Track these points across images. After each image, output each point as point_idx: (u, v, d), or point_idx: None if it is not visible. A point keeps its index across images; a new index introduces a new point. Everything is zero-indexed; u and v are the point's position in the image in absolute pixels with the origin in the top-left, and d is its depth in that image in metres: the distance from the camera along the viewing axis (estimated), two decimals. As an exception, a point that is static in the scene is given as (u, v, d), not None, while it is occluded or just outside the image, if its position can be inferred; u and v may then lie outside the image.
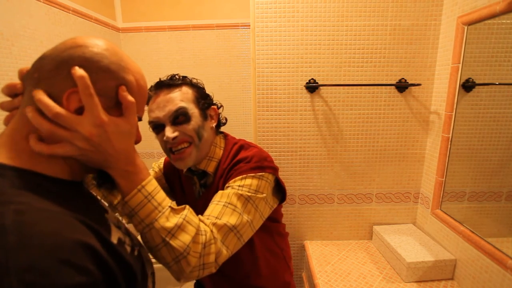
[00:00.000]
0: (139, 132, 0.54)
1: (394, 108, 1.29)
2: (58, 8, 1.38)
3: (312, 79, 1.27)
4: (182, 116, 0.76)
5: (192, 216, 0.60)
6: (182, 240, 0.55)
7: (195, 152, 0.79)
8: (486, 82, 1.02)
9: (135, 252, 0.48)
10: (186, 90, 0.80)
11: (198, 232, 0.59)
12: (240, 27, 1.88)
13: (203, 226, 0.62)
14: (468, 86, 1.06)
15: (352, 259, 1.27)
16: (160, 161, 1.02)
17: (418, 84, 1.22)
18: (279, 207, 0.92)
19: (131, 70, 0.48)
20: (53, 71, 0.42)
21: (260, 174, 0.76)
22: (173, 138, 0.76)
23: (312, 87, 1.26)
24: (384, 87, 1.27)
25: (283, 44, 1.24)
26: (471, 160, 1.08)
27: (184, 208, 0.59)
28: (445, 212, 1.16)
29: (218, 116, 0.88)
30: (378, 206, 1.39)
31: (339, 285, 1.11)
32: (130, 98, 0.47)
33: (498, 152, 0.99)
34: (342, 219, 1.41)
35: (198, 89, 0.83)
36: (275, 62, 1.26)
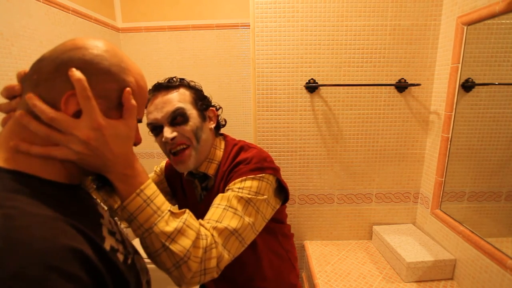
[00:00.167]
0: (139, 134, 0.53)
1: (394, 108, 1.29)
2: (58, 8, 1.38)
3: (312, 79, 1.27)
4: (180, 116, 0.76)
5: (192, 220, 0.59)
6: (182, 245, 0.54)
7: (194, 154, 0.79)
8: (486, 82, 1.02)
9: (128, 261, 0.47)
10: (184, 92, 0.80)
11: (198, 236, 0.58)
12: (240, 27, 1.88)
13: (204, 230, 0.61)
14: (467, 86, 1.06)
15: (352, 259, 1.27)
16: (162, 164, 1.01)
17: (418, 84, 1.22)
18: (283, 208, 0.91)
19: (131, 71, 0.47)
20: (52, 73, 0.41)
21: (260, 175, 0.75)
22: (171, 139, 0.75)
23: (312, 87, 1.26)
24: (383, 87, 1.27)
25: (283, 44, 1.24)
26: (470, 160, 1.08)
27: (184, 212, 0.59)
28: (444, 212, 1.16)
29: (217, 117, 0.88)
30: (378, 206, 1.39)
31: (339, 285, 1.11)
32: (133, 102, 0.47)
33: (497, 152, 0.99)
34: (342, 219, 1.41)
35: (196, 90, 0.83)
36: (275, 62, 1.26)
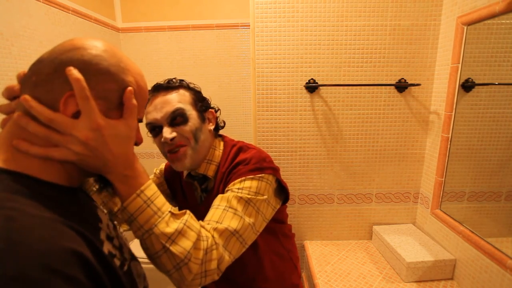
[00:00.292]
0: (139, 134, 0.53)
1: (394, 108, 1.29)
2: (58, 8, 1.38)
3: (312, 79, 1.27)
4: (180, 117, 0.76)
5: (192, 221, 0.58)
6: (183, 246, 0.54)
7: (191, 153, 0.78)
8: (486, 82, 1.02)
9: (125, 267, 0.47)
10: (184, 93, 0.80)
11: (199, 237, 0.58)
12: (240, 27, 1.88)
13: (204, 231, 0.61)
14: (467, 86, 1.06)
15: (352, 259, 1.27)
16: (161, 166, 1.01)
17: (418, 84, 1.22)
18: (284, 208, 0.91)
19: (130, 71, 0.47)
20: (51, 74, 0.41)
21: (260, 175, 0.75)
22: (171, 139, 0.75)
23: (311, 87, 1.26)
24: (383, 87, 1.27)
25: (283, 44, 1.24)
26: (470, 160, 1.08)
27: (184, 213, 0.58)
28: (444, 212, 1.16)
29: (216, 119, 0.88)
30: (377, 206, 1.39)
31: (339, 285, 1.11)
32: (134, 102, 0.46)
33: (497, 152, 0.99)
34: (342, 219, 1.41)
35: (195, 92, 0.83)
36: (275, 62, 1.26)
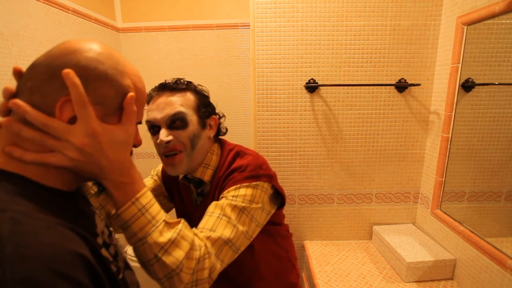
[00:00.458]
0: (138, 136, 0.52)
1: (394, 108, 1.29)
2: (58, 8, 1.38)
3: (312, 79, 1.27)
4: (180, 121, 0.75)
5: (186, 231, 0.58)
6: (175, 256, 0.54)
7: (186, 160, 0.77)
8: (486, 82, 1.02)
9: (120, 275, 0.47)
10: (189, 96, 0.79)
11: (192, 247, 0.58)
12: (240, 27, 1.87)
13: (197, 240, 0.61)
14: (467, 86, 1.06)
15: (352, 259, 1.27)
16: (158, 168, 1.00)
17: (418, 84, 1.22)
18: (280, 210, 0.91)
19: (128, 73, 0.46)
20: (46, 80, 0.40)
21: (255, 183, 0.75)
22: (166, 142, 0.74)
23: (311, 87, 1.26)
24: (383, 87, 1.27)
25: (283, 44, 1.24)
26: (470, 160, 1.08)
27: (178, 222, 0.58)
28: (444, 212, 1.16)
29: (219, 125, 0.87)
30: (377, 206, 1.39)
31: (339, 285, 1.11)
32: (134, 108, 0.46)
33: (497, 152, 0.99)
34: (342, 219, 1.41)
35: (202, 96, 0.82)
36: (275, 62, 1.26)
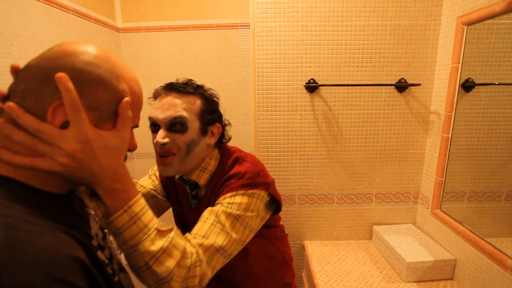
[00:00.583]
0: (134, 140, 0.52)
1: (394, 108, 1.29)
2: (58, 8, 1.38)
3: (312, 79, 1.27)
4: (180, 125, 0.74)
5: (178, 239, 0.58)
6: (166, 265, 0.54)
7: (177, 164, 0.76)
8: (486, 82, 1.02)
9: (116, 278, 0.47)
10: (195, 101, 0.77)
11: (183, 255, 0.58)
12: (240, 27, 1.87)
13: (189, 247, 0.61)
14: (467, 86, 1.06)
15: (352, 259, 1.27)
16: (155, 167, 0.98)
17: (418, 84, 1.22)
18: (275, 214, 0.91)
19: (124, 77, 0.45)
20: (40, 83, 0.39)
21: (251, 191, 0.75)
22: (162, 144, 0.74)
23: (311, 87, 1.26)
24: (384, 87, 1.27)
25: (283, 44, 1.24)
26: (470, 160, 1.08)
27: (171, 230, 0.58)
28: (444, 212, 1.16)
29: (221, 133, 0.85)
30: (378, 206, 1.39)
31: (339, 285, 1.11)
32: (129, 113, 0.45)
33: (497, 152, 0.99)
34: (342, 219, 1.41)
35: (208, 103, 0.80)
36: (275, 62, 1.26)
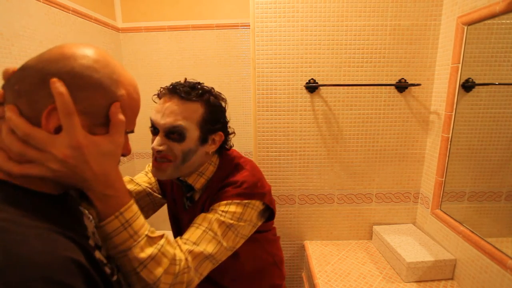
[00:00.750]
0: (128, 145, 0.51)
1: (394, 108, 1.29)
2: (58, 8, 1.38)
3: (312, 79, 1.27)
4: (177, 134, 0.73)
5: (168, 247, 0.58)
6: (154, 273, 0.55)
7: (171, 170, 0.76)
8: (486, 82, 1.02)
9: (114, 277, 0.47)
10: (197, 109, 0.74)
11: (172, 262, 0.58)
12: (240, 27, 1.88)
13: (179, 253, 0.61)
14: (468, 86, 1.06)
15: (352, 259, 1.27)
16: None
17: (418, 84, 1.22)
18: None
19: (123, 82, 0.44)
20: (35, 85, 0.38)
21: (246, 201, 0.75)
22: (157, 151, 0.73)
23: (312, 87, 1.26)
24: (384, 87, 1.27)
25: (283, 44, 1.24)
26: (471, 160, 1.08)
27: (161, 237, 0.58)
28: (445, 212, 1.16)
29: (223, 142, 0.83)
30: (378, 206, 1.39)
31: (339, 285, 1.11)
32: (121, 117, 0.43)
33: (498, 152, 0.99)
34: (342, 219, 1.41)
35: (212, 111, 0.77)
36: (275, 62, 1.26)
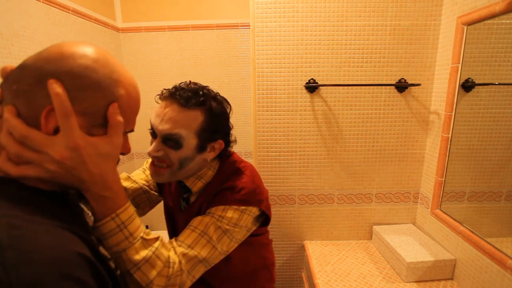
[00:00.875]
0: (128, 144, 0.51)
1: (394, 108, 1.29)
2: (58, 8, 1.38)
3: (312, 79, 1.27)
4: (174, 142, 0.71)
5: (163, 250, 0.59)
6: (147, 275, 0.55)
7: (168, 175, 0.75)
8: (486, 82, 1.02)
9: (118, 271, 0.47)
10: (196, 117, 0.72)
11: (166, 264, 0.58)
12: (240, 27, 1.87)
13: (173, 255, 0.62)
14: (467, 86, 1.06)
15: (352, 259, 1.27)
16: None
17: (418, 84, 1.22)
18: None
19: (123, 82, 0.44)
20: (34, 85, 0.37)
21: (244, 207, 0.75)
22: (154, 156, 0.73)
23: (312, 87, 1.26)
24: (384, 87, 1.27)
25: (283, 44, 1.24)
26: (470, 160, 1.08)
27: (156, 239, 0.59)
28: (444, 212, 1.16)
29: (223, 149, 0.82)
30: (377, 206, 1.39)
31: (339, 285, 1.11)
32: (119, 118, 0.43)
33: (497, 152, 0.99)
34: (342, 219, 1.41)
35: (214, 119, 0.75)
36: (275, 62, 1.26)
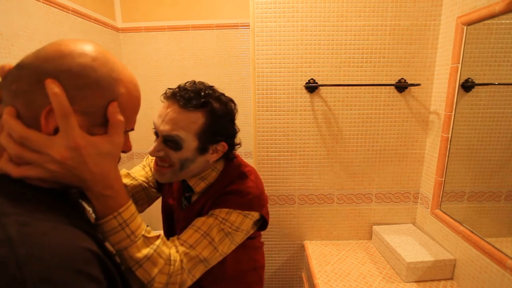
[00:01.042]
0: (128, 142, 0.51)
1: (394, 108, 1.29)
2: (58, 8, 1.38)
3: (312, 79, 1.27)
4: (173, 143, 0.71)
5: (164, 248, 0.60)
6: (149, 272, 0.56)
7: (170, 175, 0.75)
8: (486, 82, 1.02)
9: (123, 267, 0.48)
10: (197, 119, 0.71)
11: (167, 262, 0.59)
12: (240, 27, 1.88)
13: (174, 253, 0.62)
14: (467, 86, 1.06)
15: (352, 259, 1.27)
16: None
17: (418, 84, 1.22)
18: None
19: (123, 81, 0.43)
20: (33, 84, 0.37)
21: (247, 212, 0.76)
22: (155, 156, 0.74)
23: (311, 87, 1.26)
24: (383, 87, 1.27)
25: (283, 44, 1.24)
26: (470, 160, 1.08)
27: (158, 237, 0.59)
28: (444, 212, 1.16)
29: (227, 152, 0.80)
30: (377, 206, 1.39)
31: (338, 285, 1.11)
32: (119, 117, 0.43)
33: (497, 152, 0.99)
34: (342, 219, 1.41)
35: (216, 121, 0.73)
36: (274, 62, 1.26)
